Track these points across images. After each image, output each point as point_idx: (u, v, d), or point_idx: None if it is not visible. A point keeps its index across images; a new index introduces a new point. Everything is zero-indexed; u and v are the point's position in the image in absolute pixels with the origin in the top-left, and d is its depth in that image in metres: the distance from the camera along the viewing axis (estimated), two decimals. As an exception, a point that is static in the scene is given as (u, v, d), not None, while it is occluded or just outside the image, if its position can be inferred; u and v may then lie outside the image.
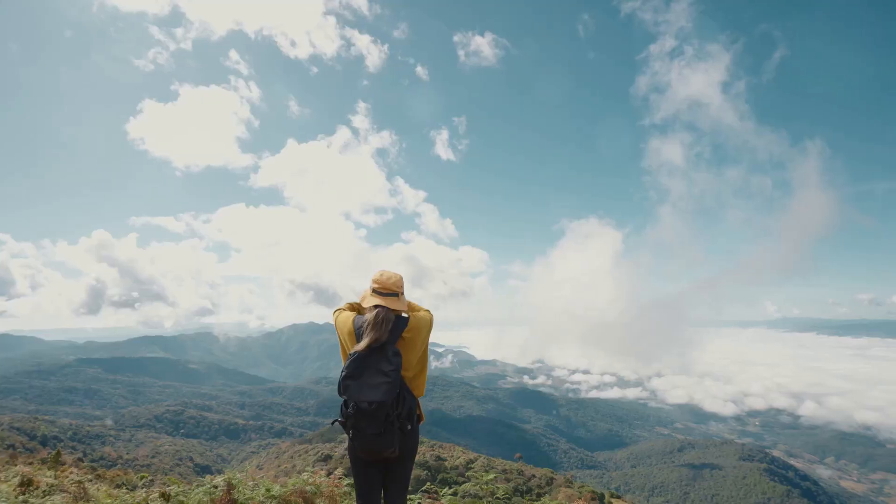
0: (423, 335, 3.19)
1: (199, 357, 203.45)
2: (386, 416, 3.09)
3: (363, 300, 3.23)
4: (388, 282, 3.17)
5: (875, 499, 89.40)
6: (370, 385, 3.09)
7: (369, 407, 3.08)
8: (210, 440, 74.25)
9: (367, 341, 3.12)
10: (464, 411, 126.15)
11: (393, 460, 3.11)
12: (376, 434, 3.08)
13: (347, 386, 3.14)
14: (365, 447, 3.10)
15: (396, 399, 3.09)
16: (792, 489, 66.50)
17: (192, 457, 59.11)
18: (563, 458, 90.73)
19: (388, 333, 3.14)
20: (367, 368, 3.11)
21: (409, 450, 3.11)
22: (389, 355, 3.11)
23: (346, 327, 3.19)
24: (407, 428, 3.08)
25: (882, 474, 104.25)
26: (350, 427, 3.11)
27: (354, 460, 3.15)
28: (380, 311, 3.15)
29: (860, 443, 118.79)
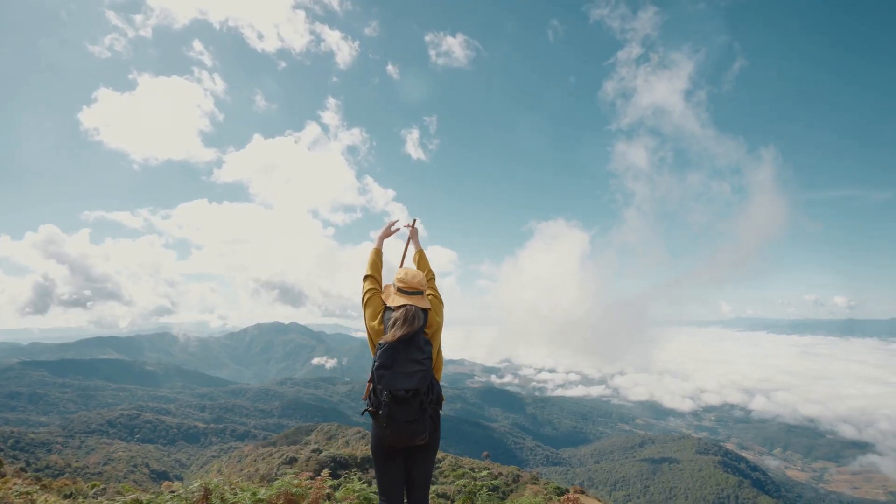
0: (441, 326, 3.33)
1: (156, 358, 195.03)
2: (420, 403, 3.15)
3: (387, 298, 3.29)
4: (412, 280, 3.23)
5: (816, 486, 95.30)
6: (404, 373, 3.15)
7: (406, 395, 3.14)
8: (168, 445, 71.33)
9: (395, 336, 3.18)
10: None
11: (418, 449, 3.16)
12: (410, 421, 3.14)
13: (382, 375, 3.16)
14: (398, 434, 3.14)
15: (428, 386, 3.18)
16: (743, 480, 69.95)
17: (148, 463, 56.61)
18: (529, 456, 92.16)
19: (416, 329, 3.23)
20: (399, 357, 3.16)
21: (435, 438, 3.20)
22: (421, 344, 3.18)
23: (376, 309, 3.26)
24: (438, 413, 3.17)
25: (822, 463, 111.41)
26: (384, 416, 3.14)
27: (379, 453, 3.16)
28: (409, 308, 3.20)
29: (804, 434, 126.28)
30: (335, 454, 25.95)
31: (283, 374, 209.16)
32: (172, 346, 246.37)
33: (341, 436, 51.79)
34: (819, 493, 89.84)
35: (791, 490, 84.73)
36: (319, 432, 55.92)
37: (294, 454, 28.88)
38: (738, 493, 66.13)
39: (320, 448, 30.14)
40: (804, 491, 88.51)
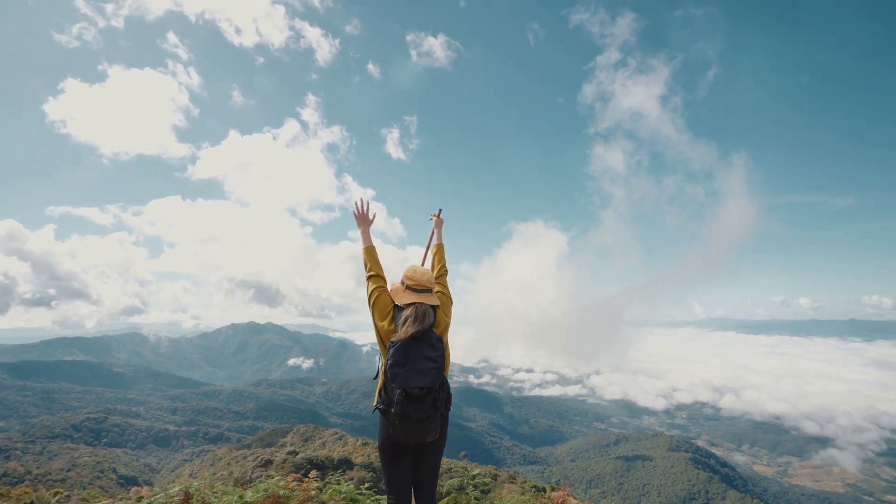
0: (448, 325, 3.34)
1: (125, 359, 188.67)
2: (433, 400, 3.16)
3: (395, 296, 3.28)
4: (421, 278, 3.25)
5: (780, 480, 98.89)
6: (418, 371, 3.16)
7: (420, 392, 3.15)
8: (137, 449, 69.07)
9: (408, 334, 3.20)
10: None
11: (427, 447, 3.19)
12: (423, 419, 3.15)
13: (396, 374, 3.17)
14: (411, 432, 3.15)
15: (440, 384, 3.20)
16: (713, 475, 71.99)
17: (115, 468, 54.68)
18: (506, 455, 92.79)
19: (427, 327, 3.25)
20: (412, 355, 3.17)
21: (444, 434, 3.22)
22: (433, 341, 3.20)
23: (385, 308, 3.23)
24: (448, 411, 3.19)
25: (787, 458, 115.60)
26: (398, 414, 3.14)
27: (388, 451, 3.18)
28: (419, 306, 3.22)
29: (770, 431, 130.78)
30: (311, 456, 25.58)
31: (258, 375, 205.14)
32: (142, 347, 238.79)
33: (318, 437, 51.10)
34: (783, 486, 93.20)
35: (758, 485, 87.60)
36: (295, 434, 55.07)
37: (269, 456, 28.34)
38: (708, 489, 68.01)
39: (296, 450, 29.68)
40: (770, 485, 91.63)
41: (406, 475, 3.18)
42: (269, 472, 19.88)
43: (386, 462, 3.17)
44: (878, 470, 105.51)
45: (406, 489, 3.18)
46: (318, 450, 37.46)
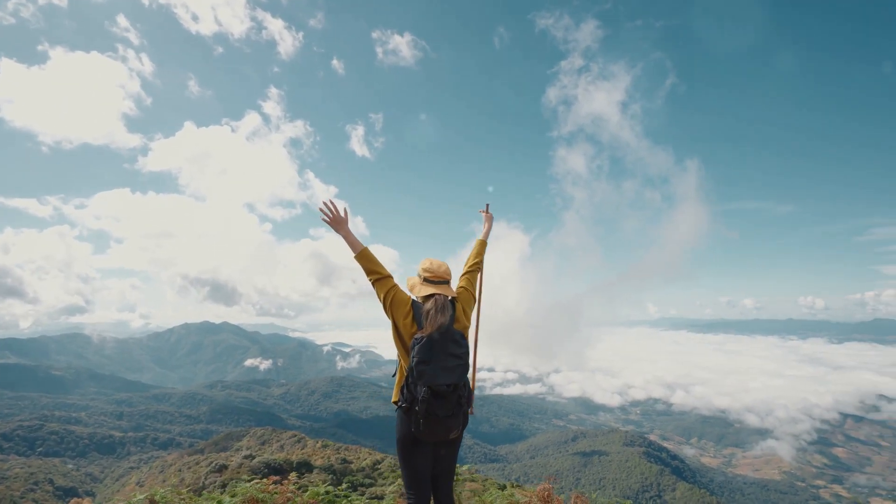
0: (470, 309, 3.28)
1: (65, 362, 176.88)
2: (458, 397, 3.11)
3: (412, 289, 3.21)
4: (439, 270, 3.18)
5: (725, 470, 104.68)
6: (444, 368, 3.10)
7: (447, 389, 3.09)
8: (77, 457, 64.82)
9: (434, 327, 3.11)
10: (371, 412, 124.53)
11: (445, 442, 3.16)
12: (448, 416, 3.10)
13: (422, 371, 3.09)
14: (435, 430, 3.10)
15: (464, 381, 3.15)
16: (664, 468, 75.29)
17: (52, 478, 51.11)
18: (467, 454, 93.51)
19: (449, 319, 3.15)
20: (437, 352, 3.10)
21: (463, 431, 3.20)
22: (457, 337, 3.12)
23: (404, 306, 3.13)
24: (470, 407, 3.14)
25: (731, 449, 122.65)
26: (423, 411, 3.08)
27: (407, 447, 3.12)
28: (438, 298, 3.14)
29: (716, 424, 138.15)
30: (269, 459, 24.84)
31: (212, 376, 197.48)
32: (85, 348, 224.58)
33: (276, 440, 49.68)
34: (727, 476, 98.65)
35: (705, 475, 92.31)
36: (252, 437, 53.30)
37: (224, 461, 27.29)
38: (659, 481, 71.02)
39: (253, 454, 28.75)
40: (715, 476, 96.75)
41: (426, 470, 3.15)
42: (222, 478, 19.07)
43: (405, 458, 3.14)
44: (810, 458, 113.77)
45: (426, 484, 3.15)
46: (275, 453, 36.43)
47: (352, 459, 29.78)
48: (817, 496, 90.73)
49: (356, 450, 36.56)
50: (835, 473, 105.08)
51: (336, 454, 32.24)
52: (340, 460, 28.80)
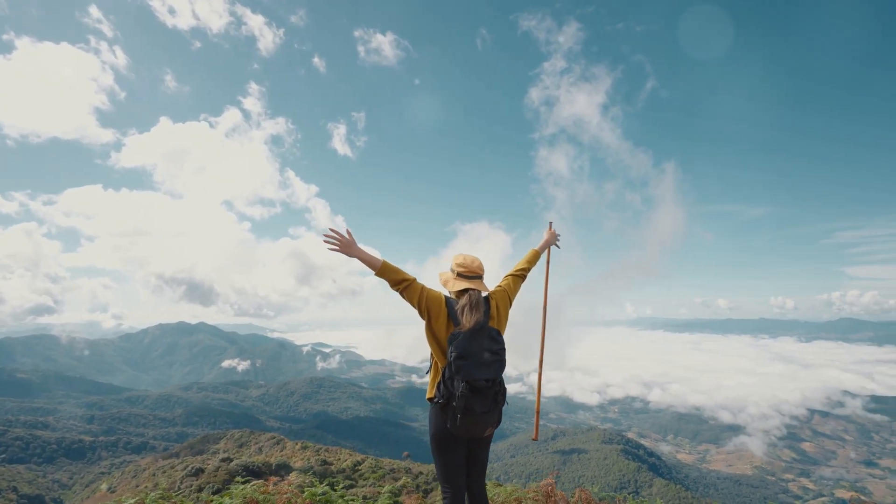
0: (507, 310, 3.29)
1: (32, 364, 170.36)
2: (496, 393, 3.09)
3: (446, 284, 3.21)
4: (472, 265, 3.17)
5: (699, 466, 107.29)
6: (482, 364, 3.07)
7: (486, 384, 3.07)
8: (44, 464, 62.49)
9: (471, 322, 3.08)
10: (351, 412, 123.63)
11: (481, 439, 3.18)
12: (485, 412, 3.08)
13: (461, 366, 3.06)
14: (473, 425, 3.07)
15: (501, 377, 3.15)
16: (642, 465, 76.74)
17: (16, 486, 49.20)
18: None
19: (484, 315, 3.12)
20: (474, 348, 3.07)
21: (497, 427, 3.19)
22: (493, 334, 3.10)
23: (438, 304, 3.10)
24: (505, 404, 3.12)
25: (706, 446, 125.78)
26: (461, 407, 3.05)
27: (443, 442, 3.10)
28: (473, 294, 3.10)
29: (692, 421, 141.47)
30: (247, 462, 24.41)
31: (188, 378, 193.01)
32: (53, 350, 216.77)
33: (254, 442, 48.86)
34: (702, 472, 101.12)
35: (680, 471, 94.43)
36: (229, 440, 52.30)
37: (200, 464, 26.68)
38: (636, 478, 72.35)
39: (230, 456, 28.20)
40: (690, 472, 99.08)
41: (461, 466, 3.16)
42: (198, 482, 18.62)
43: (441, 454, 3.13)
44: (780, 452, 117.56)
45: (462, 479, 3.16)
46: (253, 455, 35.85)
47: (332, 461, 29.53)
48: (786, 489, 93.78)
49: (336, 451, 36.26)
50: (802, 467, 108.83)
51: (316, 456, 31.92)
52: (320, 462, 28.53)
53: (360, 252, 3.09)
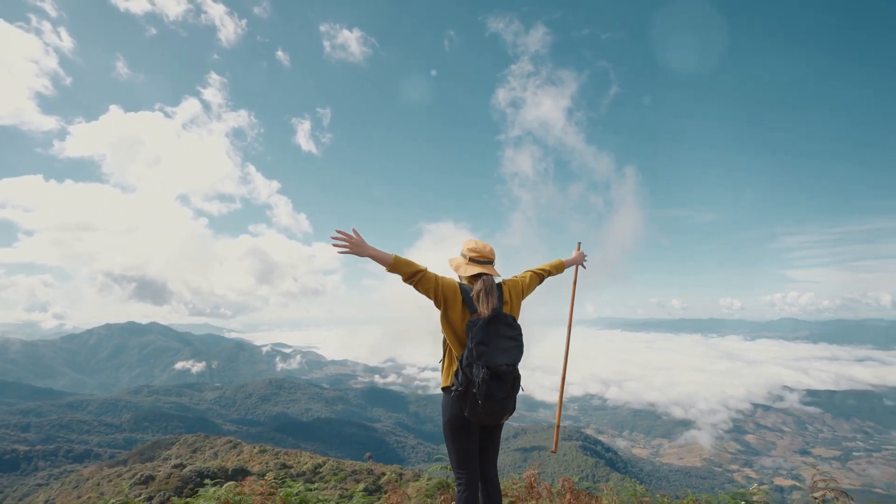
0: (519, 300, 3.29)
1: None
2: (514, 379, 3.09)
3: (457, 269, 3.20)
4: (484, 250, 3.18)
5: (653, 460, 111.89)
6: (501, 349, 3.04)
7: (507, 369, 3.04)
8: (-28, 475, 57.89)
9: (489, 308, 3.04)
10: (312, 414, 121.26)
11: (495, 425, 3.20)
12: (504, 398, 3.06)
13: (482, 352, 3.00)
14: (492, 412, 3.04)
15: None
16: (599, 460, 79.23)
17: (-59, 499, 45.37)
18: (411, 454, 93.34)
19: (498, 300, 3.09)
20: (492, 333, 3.03)
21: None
22: (509, 320, 3.10)
23: (453, 292, 3.07)
24: (521, 390, 3.15)
25: (659, 440, 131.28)
26: (482, 393, 3.00)
27: (457, 429, 3.11)
28: (486, 279, 3.09)
29: (647, 417, 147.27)
30: (202, 468, 23.47)
31: (137, 381, 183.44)
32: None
33: (208, 447, 47.04)
34: (655, 465, 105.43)
35: (635, 465, 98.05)
36: (182, 445, 50.13)
37: (150, 472, 25.43)
38: (595, 473, 74.59)
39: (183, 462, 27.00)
40: (644, 465, 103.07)
41: (476, 452, 3.18)
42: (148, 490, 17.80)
43: (455, 440, 3.14)
44: (726, 445, 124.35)
45: (476, 465, 3.17)
46: (208, 460, 34.52)
47: (292, 464, 28.87)
48: (732, 479, 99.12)
49: (296, 454, 35.48)
50: (746, 458, 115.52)
51: (275, 459, 31.13)
52: (279, 465, 27.86)
53: (372, 250, 3.04)
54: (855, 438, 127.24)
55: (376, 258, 3.05)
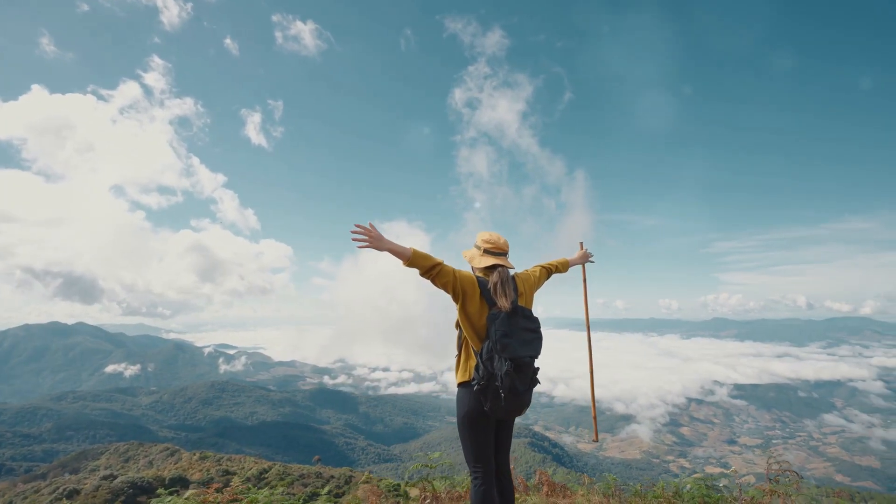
0: (532, 294, 3.23)
1: None
2: (534, 371, 3.05)
3: (472, 260, 3.12)
4: (499, 241, 3.12)
5: (597, 454, 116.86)
6: (523, 341, 3.03)
7: (530, 361, 3.03)
8: None
9: (508, 301, 3.01)
10: (257, 417, 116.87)
11: (509, 419, 3.15)
12: (525, 391, 3.03)
13: (507, 344, 2.99)
14: (513, 406, 3.01)
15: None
16: (546, 456, 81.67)
17: None
18: (361, 456, 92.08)
19: (514, 292, 3.03)
20: (513, 326, 3.01)
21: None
22: (527, 313, 3.05)
23: (472, 284, 3.00)
24: (538, 383, 3.08)
25: (603, 435, 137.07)
26: (506, 386, 2.99)
27: (473, 422, 3.04)
28: (502, 271, 3.03)
29: (591, 413, 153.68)
30: (135, 478, 21.97)
31: (61, 387, 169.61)
32: None
33: (143, 455, 44.14)
34: (599, 459, 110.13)
35: (581, 460, 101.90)
36: (112, 454, 46.75)
37: (75, 485, 23.51)
38: (543, 468, 76.91)
39: (114, 473, 25.16)
40: (589, 459, 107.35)
41: (492, 445, 3.11)
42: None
43: (473, 435, 3.08)
44: (663, 437, 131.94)
45: (491, 458, 3.12)
46: (143, 470, 32.38)
47: (235, 470, 27.65)
48: (668, 469, 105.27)
49: (240, 459, 34.03)
50: (681, 449, 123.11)
51: (217, 466, 29.70)
52: (221, 472, 26.62)
53: (391, 244, 3.00)
54: (774, 427, 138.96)
55: (394, 252, 3.03)
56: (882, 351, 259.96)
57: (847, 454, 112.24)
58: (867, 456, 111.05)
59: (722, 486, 5.00)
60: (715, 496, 4.56)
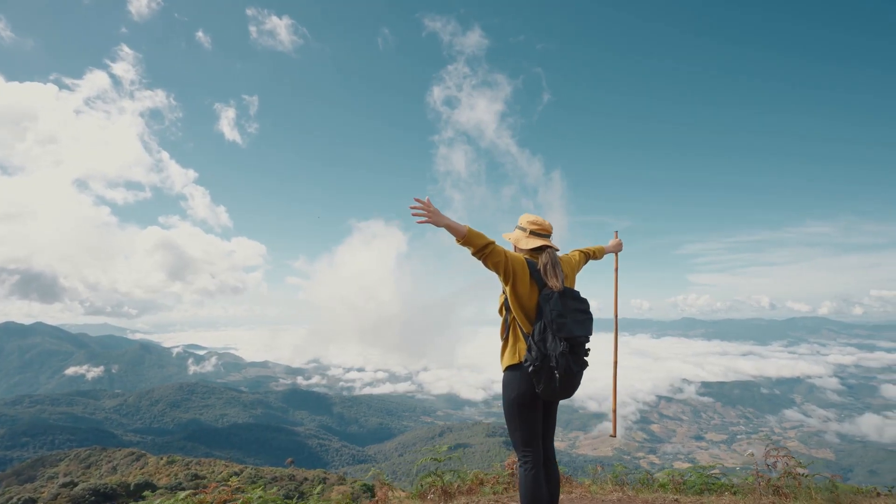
0: (574, 276, 3.29)
1: None
2: (586, 352, 3.02)
3: (518, 242, 3.13)
4: (544, 223, 3.16)
5: (570, 451, 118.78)
6: (577, 321, 2.96)
7: (584, 341, 2.98)
8: None
9: (559, 281, 2.99)
10: (228, 419, 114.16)
11: (558, 401, 3.16)
12: (579, 371, 2.98)
13: (562, 324, 2.91)
14: (567, 387, 2.95)
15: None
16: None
17: None
18: (335, 457, 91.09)
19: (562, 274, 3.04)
20: (567, 305, 2.96)
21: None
22: (575, 294, 3.03)
23: (522, 265, 2.98)
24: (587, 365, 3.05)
25: (576, 433, 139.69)
26: (563, 367, 2.88)
27: (524, 406, 3.02)
28: (551, 252, 3.06)
29: (565, 411, 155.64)
30: (97, 485, 21.11)
31: (16, 390, 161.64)
32: None
33: (105, 461, 42.45)
34: (572, 456, 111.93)
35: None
36: (73, 461, 44.76)
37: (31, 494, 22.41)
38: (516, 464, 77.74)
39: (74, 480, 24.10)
40: (562, 457, 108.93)
41: (540, 429, 3.11)
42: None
43: (521, 417, 3.07)
44: (634, 434, 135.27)
45: (539, 442, 3.12)
46: (106, 476, 31.16)
47: (205, 474, 26.98)
48: (638, 466, 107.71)
49: (210, 463, 33.20)
50: (651, 445, 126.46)
51: (185, 470, 28.90)
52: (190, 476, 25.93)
53: (448, 220, 2.94)
54: (739, 423, 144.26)
55: (451, 228, 2.96)
56: (837, 349, 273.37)
57: (805, 447, 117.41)
58: (823, 449, 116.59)
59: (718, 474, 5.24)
60: (718, 482, 4.74)
